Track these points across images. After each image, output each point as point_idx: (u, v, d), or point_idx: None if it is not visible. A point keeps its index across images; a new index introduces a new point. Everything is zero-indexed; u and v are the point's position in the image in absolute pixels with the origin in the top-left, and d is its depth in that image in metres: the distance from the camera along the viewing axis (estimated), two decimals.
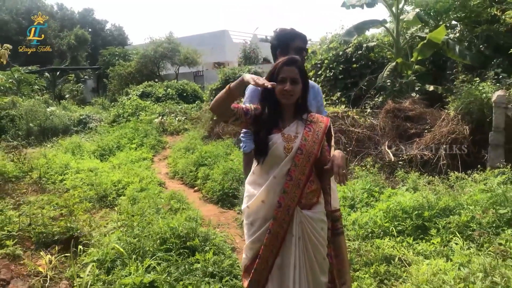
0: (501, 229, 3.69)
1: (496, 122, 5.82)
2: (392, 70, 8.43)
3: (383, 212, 4.30)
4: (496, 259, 3.18)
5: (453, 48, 8.70)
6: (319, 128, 2.24)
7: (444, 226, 3.93)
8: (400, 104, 7.21)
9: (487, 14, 10.74)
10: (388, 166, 6.27)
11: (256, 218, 2.21)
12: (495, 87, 6.71)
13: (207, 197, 6.33)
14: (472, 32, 11.32)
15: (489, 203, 3.99)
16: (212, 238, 3.88)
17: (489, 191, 4.22)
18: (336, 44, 10.29)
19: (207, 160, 7.52)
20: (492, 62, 10.97)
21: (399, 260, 3.56)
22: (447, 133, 6.14)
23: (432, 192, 4.61)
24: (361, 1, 8.83)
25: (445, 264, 3.24)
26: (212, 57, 26.50)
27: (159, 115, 14.55)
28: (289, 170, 2.15)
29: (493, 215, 3.82)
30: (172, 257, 3.41)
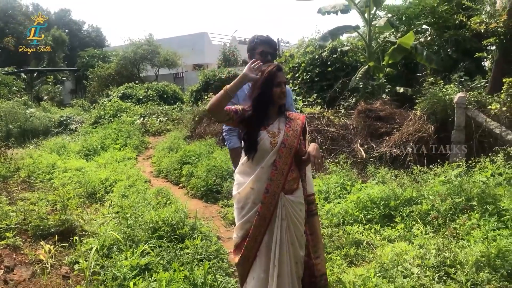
0: (457, 216, 4.17)
1: (457, 121, 6.36)
2: (365, 73, 8.94)
3: (354, 203, 4.75)
4: (449, 240, 3.66)
5: (421, 52, 9.27)
6: (297, 125, 2.59)
7: (407, 214, 4.39)
8: (371, 105, 7.72)
9: (454, 20, 11.39)
10: (360, 163, 6.75)
11: (246, 203, 2.53)
12: (458, 89, 7.27)
13: (192, 193, 6.68)
14: (441, 36, 11.97)
15: (447, 193, 4.47)
16: (199, 227, 4.26)
17: (448, 183, 4.71)
18: (312, 48, 10.77)
19: (191, 158, 7.86)
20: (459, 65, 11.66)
21: (367, 244, 4.00)
22: (414, 132, 6.66)
23: (398, 184, 5.09)
24: (335, 8, 9.32)
25: (407, 246, 3.70)
26: (192, 59, 26.73)
27: (140, 116, 14.76)
28: (275, 161, 2.49)
29: (450, 203, 4.29)
30: (164, 243, 3.77)
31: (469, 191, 4.33)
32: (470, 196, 4.29)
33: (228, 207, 5.69)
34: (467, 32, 11.15)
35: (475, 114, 6.34)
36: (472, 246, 3.41)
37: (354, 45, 10.94)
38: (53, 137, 12.54)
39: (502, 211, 3.90)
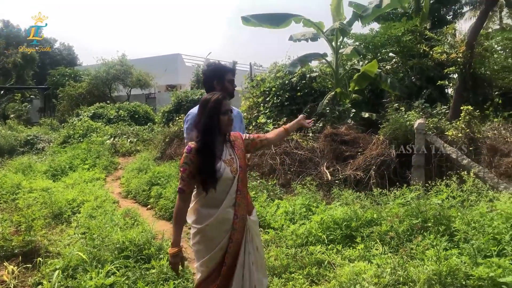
0: (413, 236, 4.38)
1: (417, 146, 6.70)
2: (332, 99, 9.28)
3: (318, 224, 4.91)
4: (405, 259, 3.86)
5: (385, 80, 9.70)
6: (240, 144, 2.65)
7: (368, 234, 4.59)
8: (337, 129, 8.00)
9: (418, 49, 12.01)
10: (326, 185, 6.96)
11: (216, 233, 2.48)
12: (419, 116, 7.65)
13: (160, 214, 6.70)
14: (406, 64, 12.56)
15: (405, 215, 4.70)
16: (166, 248, 4.31)
17: (406, 205, 4.95)
18: (282, 73, 11.09)
19: (160, 179, 7.89)
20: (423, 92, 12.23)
21: (329, 264, 4.16)
22: (376, 155, 6.94)
23: (360, 206, 5.30)
24: (305, 36, 9.70)
25: (366, 265, 3.87)
26: (165, 79, 26.85)
27: (111, 136, 14.65)
28: (238, 185, 2.51)
29: (407, 225, 4.52)
30: (130, 263, 3.81)
31: (425, 213, 4.57)
32: (426, 217, 4.52)
33: None
34: (430, 61, 11.77)
35: (434, 139, 6.69)
36: (426, 264, 3.61)
37: (322, 71, 11.33)
38: (19, 157, 12.28)
39: (454, 231, 4.13)
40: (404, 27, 11.64)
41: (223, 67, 3.36)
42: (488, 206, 4.51)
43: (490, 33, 13.33)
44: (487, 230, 3.93)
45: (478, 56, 10.55)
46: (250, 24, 9.74)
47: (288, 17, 9.49)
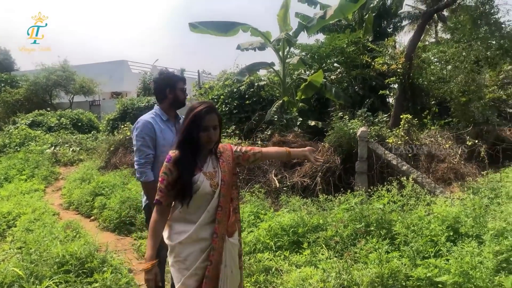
0: (357, 240, 4.52)
1: (360, 153, 6.93)
2: (279, 107, 9.43)
3: (266, 231, 4.94)
4: (349, 263, 3.96)
5: (330, 89, 10.00)
6: (228, 157, 2.44)
7: (314, 240, 4.67)
8: (285, 137, 8.14)
9: (361, 60, 12.51)
10: (274, 192, 7.03)
11: (190, 253, 2.25)
12: (362, 124, 7.94)
13: (104, 226, 6.45)
14: (349, 74, 13.04)
15: (349, 220, 4.84)
16: (110, 260, 4.15)
17: (350, 210, 5.10)
18: (231, 81, 11.15)
19: (104, 189, 7.62)
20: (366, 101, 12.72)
21: (276, 270, 4.18)
22: (322, 163, 7.10)
23: (307, 212, 5.39)
24: (253, 45, 9.82)
25: (312, 270, 3.93)
26: (110, 86, 26.08)
27: (51, 145, 13.98)
28: (219, 201, 2.30)
29: (351, 229, 4.65)
30: (71, 278, 3.63)
31: (368, 217, 4.72)
32: (369, 222, 4.67)
33: (141, 239, 5.59)
34: (372, 72, 12.29)
35: (375, 146, 6.96)
36: (369, 267, 3.73)
37: (270, 80, 11.51)
38: None
39: (395, 235, 4.30)
40: (348, 38, 12.10)
41: (174, 75, 3.34)
42: (426, 209, 4.74)
43: (427, 45, 14.15)
44: (425, 233, 4.13)
45: (416, 68, 11.17)
46: (197, 31, 9.72)
47: (236, 26, 9.56)
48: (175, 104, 3.27)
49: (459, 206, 4.68)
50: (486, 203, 4.80)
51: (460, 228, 4.18)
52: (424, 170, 7.11)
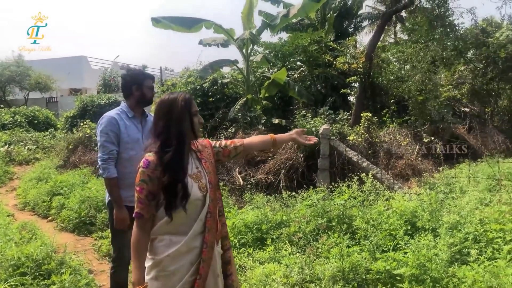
0: (319, 235, 4.60)
1: (322, 150, 7.05)
2: (243, 105, 9.44)
3: (230, 228, 4.93)
4: (312, 258, 4.03)
5: (293, 87, 10.11)
6: (209, 155, 2.20)
7: (277, 236, 4.71)
8: (248, 135, 8.15)
9: (323, 59, 12.72)
10: (238, 190, 7.04)
11: (180, 266, 2.00)
12: (324, 122, 8.08)
13: (62, 226, 6.25)
14: (312, 73, 13.23)
15: (312, 216, 4.92)
16: (68, 261, 4.03)
17: (312, 206, 5.18)
18: (194, 78, 11.04)
19: (63, 189, 7.38)
20: (328, 100, 12.94)
21: (240, 267, 4.19)
22: (286, 160, 7.19)
23: (271, 209, 5.43)
24: (216, 41, 9.76)
25: (276, 266, 3.96)
26: (69, 83, 25.25)
27: (5, 143, 13.39)
28: (208, 206, 2.05)
29: (313, 225, 4.72)
30: (27, 281, 3.49)
31: (330, 213, 4.82)
32: (331, 217, 4.77)
33: (102, 239, 5.46)
34: (334, 71, 12.52)
35: (337, 144, 7.10)
36: (331, 262, 3.80)
37: (234, 77, 11.49)
38: None
39: (355, 229, 4.41)
40: (310, 37, 12.25)
41: (142, 73, 3.32)
42: (385, 204, 4.89)
43: (387, 46, 14.58)
44: (384, 227, 4.26)
45: (376, 67, 11.49)
46: (160, 26, 9.56)
47: (199, 22, 9.48)
48: (142, 102, 3.23)
49: (416, 201, 4.86)
50: (442, 198, 5.01)
51: (417, 222, 4.34)
52: (383, 166, 7.32)
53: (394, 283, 3.35)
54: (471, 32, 13.98)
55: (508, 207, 4.60)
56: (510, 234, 3.98)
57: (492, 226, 4.08)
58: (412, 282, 3.24)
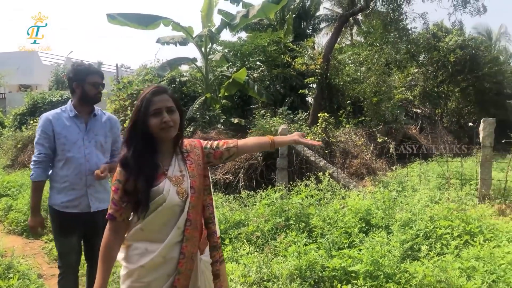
0: (277, 234, 4.63)
1: (281, 150, 7.10)
2: (202, 104, 9.36)
3: None
4: (268, 257, 4.05)
5: (252, 87, 10.13)
6: (197, 156, 2.00)
7: (236, 236, 4.70)
8: (207, 134, 8.10)
9: (282, 59, 12.86)
10: None
11: (155, 278, 1.84)
12: (282, 121, 8.16)
13: (10, 229, 5.94)
14: (271, 73, 13.34)
15: (270, 215, 4.94)
16: (16, 265, 3.84)
17: (271, 205, 5.21)
18: (151, 76, 10.84)
19: (10, 190, 7.02)
20: (287, 100, 13.10)
21: None
22: (245, 159, 7.19)
23: (229, 209, 5.42)
24: (174, 40, 9.62)
25: (234, 266, 3.95)
26: (18, 78, 24.12)
27: None
28: (188, 213, 1.87)
29: (272, 224, 4.75)
30: None
31: (288, 212, 4.87)
32: (289, 216, 4.82)
33: (52, 242, 5.23)
34: (292, 71, 12.69)
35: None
36: (288, 260, 3.84)
37: (193, 76, 11.38)
38: None
39: (312, 228, 4.48)
40: (270, 38, 12.36)
41: (85, 68, 3.02)
42: (340, 203, 5.00)
43: (343, 47, 14.93)
44: (340, 225, 4.35)
45: (333, 68, 11.73)
46: (115, 22, 9.28)
47: (157, 19, 9.30)
48: (85, 100, 2.96)
49: (371, 199, 5.00)
50: (394, 196, 5.18)
51: (371, 219, 4.47)
52: (339, 165, 7.49)
53: (349, 280, 3.42)
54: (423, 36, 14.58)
55: (456, 205, 4.84)
56: (457, 230, 4.19)
57: (441, 223, 4.27)
58: (366, 278, 3.33)
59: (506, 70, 15.82)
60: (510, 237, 4.17)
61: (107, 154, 3.04)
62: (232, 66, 13.03)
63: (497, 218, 4.92)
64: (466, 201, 5.42)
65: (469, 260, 3.54)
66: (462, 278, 3.24)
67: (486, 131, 5.79)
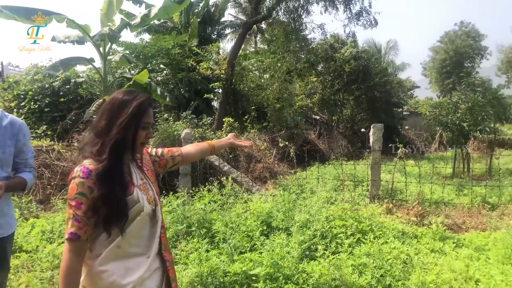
0: (179, 242, 4.49)
1: None
2: (100, 106, 8.81)
3: None
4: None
5: (155, 89, 9.83)
6: (148, 163, 1.92)
7: None
8: None
9: (186, 63, 12.69)
10: None
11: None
12: (186, 126, 8.02)
13: None
14: (175, 77, 13.10)
15: (171, 222, 4.79)
16: None
17: (172, 212, 5.05)
18: (41, 76, 9.98)
19: None
20: (191, 104, 12.95)
21: None
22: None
23: None
24: (70, 38, 8.94)
25: None
26: None
27: None
28: (162, 220, 1.82)
29: (173, 231, 4.60)
30: None
31: (190, 218, 4.75)
32: (191, 222, 4.71)
33: None
34: (197, 75, 12.59)
35: None
36: (189, 268, 3.73)
37: (90, 77, 10.71)
38: None
39: (215, 233, 4.43)
40: (174, 41, 12.12)
41: None
42: (243, 207, 5.03)
43: (248, 54, 15.22)
44: (242, 229, 4.36)
45: (238, 74, 11.88)
46: (1, 16, 8.36)
47: (49, 15, 8.56)
48: None
49: (272, 202, 5.10)
50: (294, 198, 5.35)
51: (272, 222, 4.55)
52: (243, 170, 7.56)
53: (250, 284, 3.43)
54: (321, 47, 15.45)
55: (349, 205, 5.14)
56: (351, 229, 4.45)
57: (336, 223, 4.50)
58: (266, 281, 3.35)
59: (393, 81, 17.42)
60: (396, 234, 4.53)
61: (6, 168, 2.40)
62: (134, 68, 12.54)
63: (385, 217, 5.32)
64: (359, 201, 5.80)
65: (361, 257, 3.77)
66: (355, 274, 3.43)
67: (376, 136, 6.25)
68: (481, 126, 10.21)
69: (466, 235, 4.97)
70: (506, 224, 5.34)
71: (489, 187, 6.98)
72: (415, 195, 6.15)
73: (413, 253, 4.13)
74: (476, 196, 6.66)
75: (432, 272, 3.69)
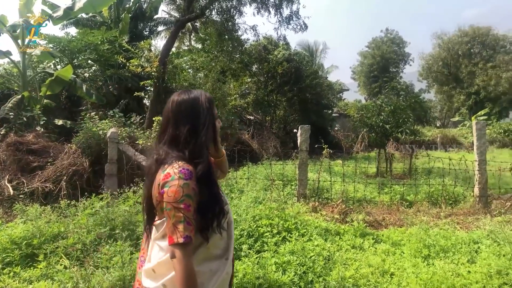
0: (101, 245, 4.31)
1: (110, 155, 6.70)
2: (18, 103, 8.24)
3: None
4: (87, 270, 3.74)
5: (81, 86, 9.38)
6: None
7: (52, 250, 4.22)
8: (23, 137, 7.14)
9: (116, 59, 12.23)
10: (8, 201, 6.07)
11: None
12: (113, 125, 7.72)
13: None
14: (104, 73, 12.58)
15: (94, 225, 4.59)
16: None
17: (95, 214, 4.85)
18: None
19: None
20: (121, 102, 12.51)
21: None
22: (68, 166, 6.56)
23: (46, 221, 4.84)
24: None
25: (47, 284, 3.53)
26: None
27: None
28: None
29: (95, 235, 4.41)
30: None
31: (114, 220, 4.58)
32: (115, 225, 4.54)
33: None
34: (127, 72, 12.19)
35: (126, 148, 6.86)
36: (111, 272, 3.60)
37: (7, 71, 9.96)
38: None
39: (140, 235, 4.30)
40: (103, 36, 11.65)
41: None
42: None
43: (181, 52, 15.01)
44: None
45: (170, 72, 11.66)
46: None
47: None
48: None
49: None
50: None
51: None
52: None
53: None
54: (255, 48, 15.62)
55: (277, 204, 5.24)
56: (277, 228, 4.54)
57: (263, 222, 4.57)
58: None
59: (323, 83, 18.06)
60: (319, 231, 4.69)
61: None
62: (59, 63, 11.87)
63: (310, 215, 5.49)
64: (287, 200, 5.93)
65: (285, 255, 3.85)
66: (278, 272, 3.50)
67: (303, 137, 6.43)
68: (402, 127, 10.88)
69: (385, 231, 5.26)
70: (420, 220, 5.72)
71: (408, 186, 7.46)
72: (340, 194, 6.41)
73: (335, 249, 4.30)
74: (396, 194, 7.09)
75: (352, 267, 3.87)
